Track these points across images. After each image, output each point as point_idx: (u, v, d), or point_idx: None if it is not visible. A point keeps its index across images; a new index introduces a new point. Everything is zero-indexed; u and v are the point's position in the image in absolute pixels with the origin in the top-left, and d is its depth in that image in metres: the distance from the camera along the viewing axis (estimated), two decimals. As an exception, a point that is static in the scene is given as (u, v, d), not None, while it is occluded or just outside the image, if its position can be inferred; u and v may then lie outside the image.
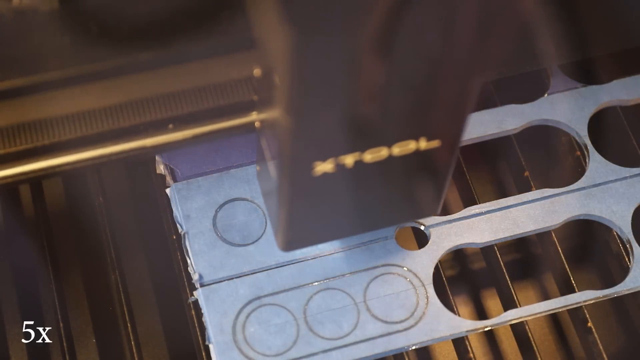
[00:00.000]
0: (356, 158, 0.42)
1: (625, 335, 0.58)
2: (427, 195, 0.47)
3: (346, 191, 0.44)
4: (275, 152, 0.43)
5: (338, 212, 0.46)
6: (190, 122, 0.46)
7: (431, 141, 0.42)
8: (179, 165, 0.53)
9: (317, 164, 0.42)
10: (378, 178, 0.44)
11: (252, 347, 0.49)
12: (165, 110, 0.46)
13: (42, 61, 0.45)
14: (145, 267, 0.58)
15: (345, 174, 0.42)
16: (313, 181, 0.42)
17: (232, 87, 0.47)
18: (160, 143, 0.46)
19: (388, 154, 0.42)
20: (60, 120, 0.46)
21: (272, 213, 0.47)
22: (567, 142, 0.56)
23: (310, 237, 0.48)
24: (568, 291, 0.52)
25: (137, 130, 0.46)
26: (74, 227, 0.59)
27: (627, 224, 0.52)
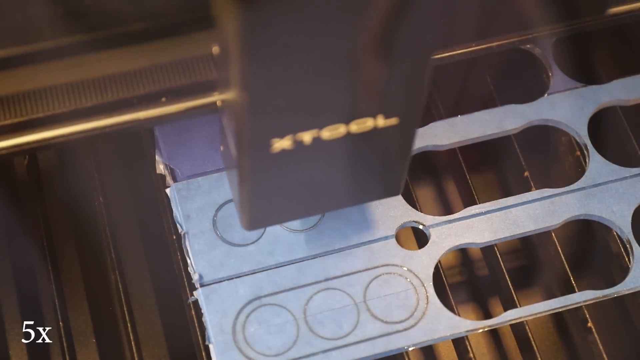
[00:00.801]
0: (314, 135, 0.41)
1: (625, 335, 0.58)
2: (388, 175, 0.46)
3: (305, 169, 0.44)
4: (233, 130, 0.42)
5: (299, 191, 0.46)
6: (184, 95, 0.46)
7: (389, 119, 0.42)
8: (179, 165, 0.53)
9: (275, 140, 0.41)
10: (337, 156, 0.43)
11: (252, 347, 0.49)
12: (158, 82, 0.46)
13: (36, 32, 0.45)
14: (145, 267, 0.58)
15: (304, 151, 0.42)
16: (272, 159, 0.42)
17: None
18: (153, 116, 0.46)
19: (346, 131, 0.42)
20: (54, 92, 0.46)
21: (235, 192, 0.47)
22: (567, 142, 0.56)
23: (272, 215, 0.47)
24: (568, 291, 0.52)
25: (130, 103, 0.46)
26: (74, 227, 0.59)
27: (627, 224, 0.53)
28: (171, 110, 0.46)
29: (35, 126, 0.45)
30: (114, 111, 0.46)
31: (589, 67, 0.57)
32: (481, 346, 0.58)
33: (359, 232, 0.52)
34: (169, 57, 0.46)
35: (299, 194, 0.46)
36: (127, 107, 0.46)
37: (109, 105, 0.46)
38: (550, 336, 0.58)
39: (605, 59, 0.58)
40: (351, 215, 0.52)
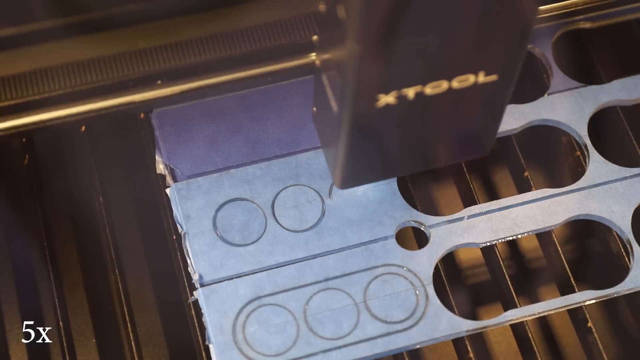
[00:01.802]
0: (417, 90, 0.43)
1: (625, 335, 0.58)
2: (479, 134, 0.48)
3: (404, 125, 0.46)
4: (339, 86, 0.44)
5: (394, 148, 0.47)
6: (179, 78, 0.46)
7: (489, 75, 0.44)
8: (179, 165, 0.53)
9: (381, 96, 0.43)
10: (436, 111, 0.45)
11: (252, 347, 0.49)
12: (153, 65, 0.46)
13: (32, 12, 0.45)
14: (145, 267, 0.58)
15: (405, 107, 0.44)
16: (374, 114, 0.44)
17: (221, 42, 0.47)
18: (148, 98, 0.46)
19: (448, 87, 0.44)
20: (50, 73, 0.46)
21: (330, 151, 0.48)
22: (567, 142, 0.56)
23: (365, 174, 0.49)
24: (568, 291, 0.52)
25: (125, 85, 0.46)
26: (74, 227, 0.59)
27: (627, 224, 0.53)
28: (167, 92, 0.47)
29: (31, 108, 0.45)
30: (110, 93, 0.46)
31: (589, 67, 0.57)
32: (481, 346, 0.58)
33: (359, 232, 0.52)
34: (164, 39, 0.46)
35: (393, 152, 0.48)
36: (123, 89, 0.46)
37: (105, 87, 0.46)
38: (550, 336, 0.58)
39: (605, 59, 0.58)
40: (351, 215, 0.52)
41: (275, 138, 0.54)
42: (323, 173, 0.53)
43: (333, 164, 0.48)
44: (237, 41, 0.48)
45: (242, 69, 0.48)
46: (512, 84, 0.45)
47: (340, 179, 0.48)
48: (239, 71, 0.48)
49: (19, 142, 0.57)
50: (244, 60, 0.47)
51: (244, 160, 0.53)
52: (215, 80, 0.47)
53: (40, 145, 0.59)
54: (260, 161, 0.53)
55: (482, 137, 0.49)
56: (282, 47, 0.49)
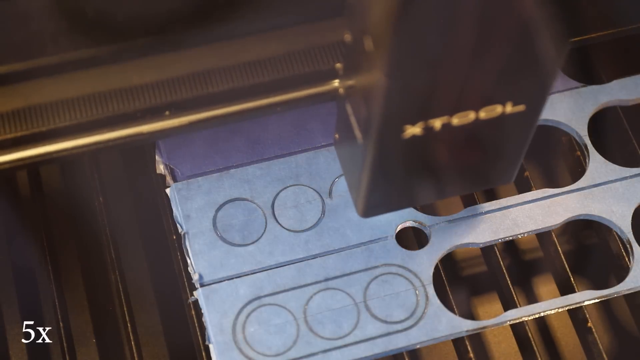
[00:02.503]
0: (444, 121, 0.43)
1: (625, 335, 0.58)
2: (505, 162, 0.48)
3: (429, 155, 0.45)
4: (365, 116, 0.43)
5: (418, 178, 0.47)
6: (187, 109, 0.46)
7: (517, 106, 0.43)
8: (179, 165, 0.53)
9: (407, 127, 0.43)
10: (461, 141, 0.45)
11: (252, 347, 0.49)
12: (162, 96, 0.46)
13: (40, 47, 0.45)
14: (145, 267, 0.58)
15: (431, 137, 0.44)
16: (399, 144, 0.44)
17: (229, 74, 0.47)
18: (157, 130, 0.46)
19: (475, 117, 0.43)
20: (58, 106, 0.46)
21: (353, 179, 0.48)
22: (567, 142, 0.56)
23: (388, 203, 0.49)
24: (568, 291, 0.52)
25: (134, 116, 0.46)
26: (74, 227, 0.59)
27: (627, 224, 0.52)
28: (175, 123, 0.47)
29: (37, 140, 0.45)
30: (117, 125, 0.46)
31: (589, 67, 0.57)
32: (481, 346, 0.58)
33: (359, 232, 0.52)
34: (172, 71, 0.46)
35: (416, 181, 0.47)
36: (131, 120, 0.46)
37: (113, 118, 0.46)
38: (550, 336, 0.58)
39: (605, 59, 0.58)
40: (351, 215, 0.52)
41: (275, 138, 0.54)
42: (323, 173, 0.53)
43: (356, 192, 0.48)
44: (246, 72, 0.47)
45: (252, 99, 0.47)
46: (539, 114, 0.44)
47: (363, 207, 0.48)
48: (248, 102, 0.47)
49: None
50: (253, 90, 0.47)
51: (244, 160, 0.53)
52: (224, 111, 0.47)
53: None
54: (260, 161, 0.53)
55: (506, 166, 0.48)
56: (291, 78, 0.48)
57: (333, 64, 0.48)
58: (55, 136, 0.45)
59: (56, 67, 0.45)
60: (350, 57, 0.44)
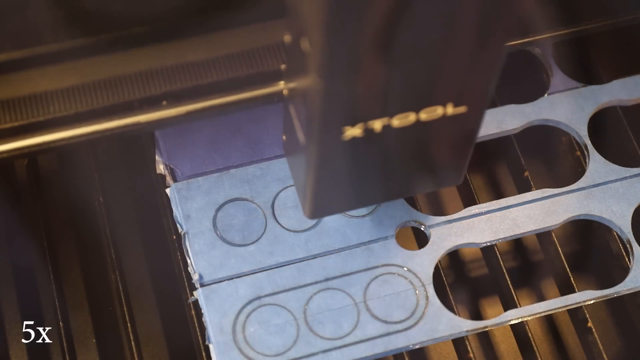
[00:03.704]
0: (384, 123, 0.43)
1: (625, 335, 0.58)
2: (452, 163, 0.47)
3: (373, 157, 0.45)
4: (305, 118, 0.43)
5: (363, 179, 0.47)
6: (184, 99, 0.46)
7: (458, 107, 0.43)
8: (179, 165, 0.53)
9: (347, 128, 0.42)
10: (404, 143, 0.45)
11: (252, 347, 0.49)
12: (159, 86, 0.46)
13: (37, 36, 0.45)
14: (145, 267, 0.58)
15: (373, 139, 0.43)
16: (341, 146, 0.43)
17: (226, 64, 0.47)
18: (154, 119, 0.46)
19: (416, 119, 0.43)
20: (56, 95, 0.46)
21: (299, 181, 0.48)
22: (567, 142, 0.56)
23: (335, 204, 0.48)
24: (568, 291, 0.52)
25: (131, 106, 0.46)
26: (74, 227, 0.59)
27: (627, 224, 0.53)
28: (172, 113, 0.47)
29: (35, 130, 0.45)
30: (115, 114, 0.46)
31: (589, 67, 0.57)
32: (481, 346, 0.58)
33: (359, 232, 0.52)
34: (169, 60, 0.46)
35: (362, 183, 0.47)
36: (128, 110, 0.46)
37: (110, 108, 0.46)
38: (550, 336, 0.58)
39: (605, 59, 0.58)
40: (351, 215, 0.52)
41: (275, 138, 0.54)
42: (323, 173, 0.53)
43: (302, 194, 0.47)
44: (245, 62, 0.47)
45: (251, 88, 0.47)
46: (482, 115, 0.44)
47: (310, 209, 0.47)
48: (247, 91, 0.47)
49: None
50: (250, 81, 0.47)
51: (244, 160, 0.53)
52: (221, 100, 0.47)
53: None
54: (260, 161, 0.53)
55: (451, 169, 0.48)
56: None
57: None
58: (52, 126, 0.45)
59: (53, 57, 0.45)
60: (290, 59, 0.44)
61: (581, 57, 0.58)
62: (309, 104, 0.42)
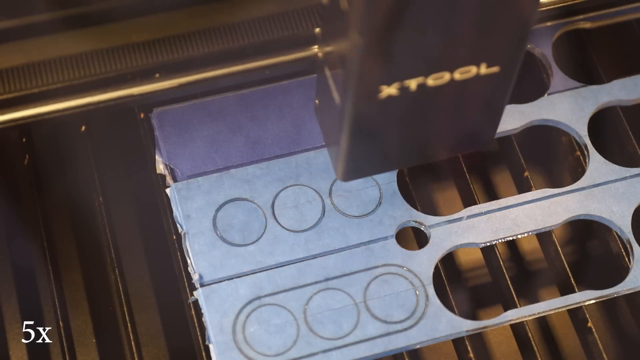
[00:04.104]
0: (420, 82, 0.43)
1: (625, 335, 0.58)
2: (483, 124, 0.48)
3: (407, 116, 0.46)
4: (342, 78, 0.44)
5: (396, 141, 0.47)
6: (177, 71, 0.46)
7: (491, 67, 0.44)
8: (179, 165, 0.53)
9: (383, 87, 0.43)
10: (438, 103, 0.45)
11: (252, 347, 0.49)
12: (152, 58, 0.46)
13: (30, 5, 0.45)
14: (145, 267, 0.58)
15: (408, 98, 0.44)
16: (376, 106, 0.44)
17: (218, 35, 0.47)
18: (147, 91, 0.46)
19: (450, 78, 0.44)
20: (48, 66, 0.46)
21: (332, 143, 0.48)
22: (567, 142, 0.56)
23: (368, 166, 0.49)
24: (568, 291, 0.52)
25: (124, 78, 0.46)
26: (74, 227, 0.59)
27: (627, 224, 0.53)
28: (165, 85, 0.47)
29: (29, 101, 0.45)
30: (108, 87, 0.46)
31: (589, 67, 0.57)
32: (481, 346, 0.58)
33: (359, 232, 0.52)
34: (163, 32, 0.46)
35: (395, 144, 0.48)
36: (121, 82, 0.46)
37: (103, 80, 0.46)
38: (550, 336, 0.58)
39: (605, 59, 0.58)
40: (351, 215, 0.52)
41: (275, 138, 0.54)
42: (323, 173, 0.53)
43: (335, 156, 0.48)
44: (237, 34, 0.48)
45: (241, 62, 0.48)
46: (513, 76, 0.45)
47: (343, 171, 0.48)
48: (238, 64, 0.48)
49: (19, 142, 0.57)
50: (243, 53, 0.47)
51: (244, 160, 0.53)
52: (214, 73, 0.47)
53: (41, 145, 0.59)
54: (260, 161, 0.53)
55: (483, 130, 0.48)
56: (282, 40, 0.49)
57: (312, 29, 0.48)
58: (46, 97, 0.45)
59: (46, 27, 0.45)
60: (327, 19, 0.45)
61: (581, 57, 0.58)
62: (347, 63, 0.42)
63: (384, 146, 0.47)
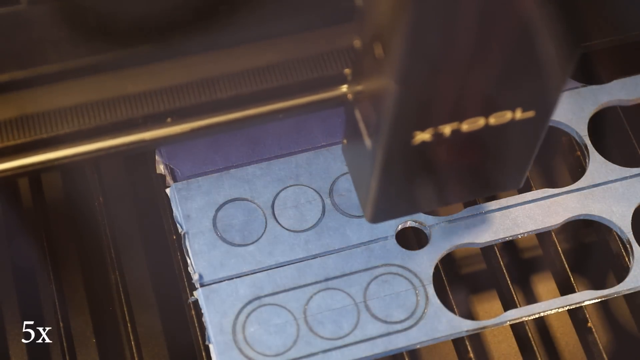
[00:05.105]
0: (454, 127, 0.43)
1: (625, 335, 0.58)
2: (513, 168, 0.48)
3: (439, 161, 0.45)
4: (374, 122, 0.43)
5: (427, 183, 0.47)
6: (189, 116, 0.46)
7: (526, 112, 0.43)
8: (179, 165, 0.53)
9: (417, 133, 0.43)
10: (471, 147, 0.45)
11: (252, 347, 0.49)
12: (163, 103, 0.46)
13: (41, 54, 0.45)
14: (145, 267, 0.58)
15: (441, 143, 0.43)
16: (409, 150, 0.43)
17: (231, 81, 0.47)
18: (159, 136, 0.46)
19: (485, 123, 0.43)
20: (60, 113, 0.46)
21: (362, 185, 0.48)
22: (567, 142, 0.56)
23: (397, 209, 0.49)
24: (568, 291, 0.52)
25: (135, 123, 0.46)
26: (74, 227, 0.59)
27: (627, 224, 0.52)
28: (176, 130, 0.46)
29: (39, 147, 0.45)
30: (119, 132, 0.46)
31: (589, 67, 0.57)
32: (481, 346, 0.58)
33: (359, 232, 0.52)
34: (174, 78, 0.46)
35: (425, 187, 0.47)
36: (133, 127, 0.46)
37: (114, 125, 0.46)
38: (550, 336, 0.58)
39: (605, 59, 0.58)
40: (351, 215, 0.52)
41: (275, 138, 0.54)
42: (323, 173, 0.53)
43: (364, 198, 0.48)
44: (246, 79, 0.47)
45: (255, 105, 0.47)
46: (549, 119, 0.44)
47: (372, 213, 0.48)
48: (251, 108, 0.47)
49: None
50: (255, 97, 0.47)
51: (244, 160, 0.53)
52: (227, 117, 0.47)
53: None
54: (260, 161, 0.53)
55: (515, 171, 0.48)
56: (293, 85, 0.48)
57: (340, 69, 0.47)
58: (56, 143, 0.45)
59: (57, 75, 0.45)
60: (359, 63, 0.44)
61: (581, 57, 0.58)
62: (379, 108, 0.42)
63: (416, 189, 0.47)
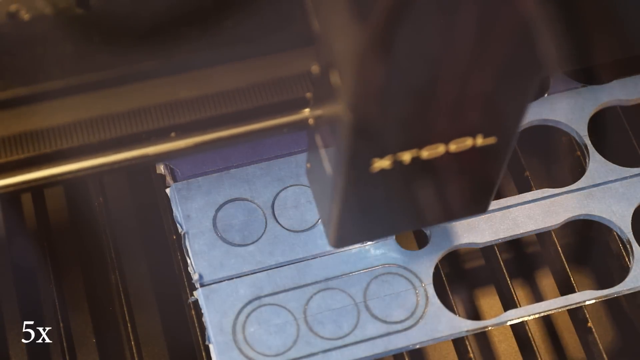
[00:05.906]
0: (414, 155, 0.42)
1: (625, 335, 0.58)
2: (478, 193, 0.47)
3: (400, 187, 0.44)
4: (332, 149, 0.43)
5: (389, 209, 0.46)
6: (192, 130, 0.46)
7: (487, 138, 0.42)
8: (179, 165, 0.53)
9: (375, 160, 0.42)
10: (432, 174, 0.44)
11: (252, 347, 0.49)
12: (167, 118, 0.46)
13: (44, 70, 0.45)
14: (145, 267, 0.58)
15: (401, 171, 0.43)
16: (368, 178, 0.43)
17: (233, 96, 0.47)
18: (162, 151, 0.46)
19: (445, 150, 0.42)
20: (62, 129, 0.46)
21: (324, 209, 0.47)
22: (567, 142, 0.56)
23: (360, 234, 0.48)
24: (568, 291, 0.52)
25: (139, 138, 0.46)
26: (74, 227, 0.59)
27: (627, 224, 0.53)
28: (181, 145, 0.46)
29: (42, 162, 0.45)
30: (123, 147, 0.46)
31: (589, 67, 0.57)
32: (481, 346, 0.58)
33: (359, 232, 0.52)
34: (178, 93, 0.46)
35: (388, 213, 0.46)
36: (136, 142, 0.46)
37: (118, 140, 0.46)
38: (550, 336, 0.58)
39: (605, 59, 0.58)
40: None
41: (275, 138, 0.54)
42: (323, 173, 0.53)
43: (327, 223, 0.47)
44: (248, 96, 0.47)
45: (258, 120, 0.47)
46: (512, 145, 0.44)
47: (334, 238, 0.47)
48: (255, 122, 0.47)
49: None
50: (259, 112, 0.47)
51: (244, 160, 0.53)
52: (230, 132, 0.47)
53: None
54: (260, 161, 0.53)
55: (480, 196, 0.47)
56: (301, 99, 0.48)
57: None
58: (59, 159, 0.45)
59: (61, 91, 0.45)
60: (318, 89, 0.44)
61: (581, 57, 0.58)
62: (337, 135, 0.41)
63: (378, 215, 0.46)
